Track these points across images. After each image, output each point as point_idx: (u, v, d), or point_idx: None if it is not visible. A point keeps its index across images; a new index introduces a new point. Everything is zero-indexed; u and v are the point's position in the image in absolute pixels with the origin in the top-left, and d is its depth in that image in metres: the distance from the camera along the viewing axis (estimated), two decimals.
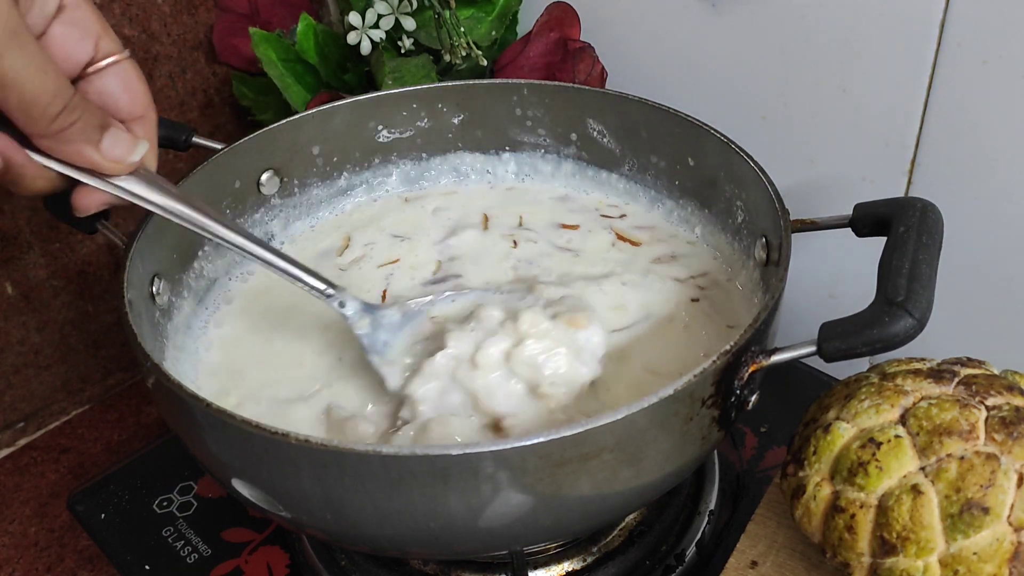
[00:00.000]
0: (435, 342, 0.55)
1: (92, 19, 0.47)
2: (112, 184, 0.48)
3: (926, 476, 0.46)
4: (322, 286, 0.55)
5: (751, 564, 0.55)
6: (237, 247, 0.52)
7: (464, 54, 0.74)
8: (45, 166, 0.46)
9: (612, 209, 0.70)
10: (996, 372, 0.51)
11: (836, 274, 0.73)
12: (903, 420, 0.48)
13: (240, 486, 0.47)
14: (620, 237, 0.67)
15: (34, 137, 0.45)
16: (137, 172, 0.49)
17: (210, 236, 0.52)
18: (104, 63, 0.47)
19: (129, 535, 0.65)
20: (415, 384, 0.53)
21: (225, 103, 0.88)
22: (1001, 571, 0.45)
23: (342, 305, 0.55)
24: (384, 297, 0.63)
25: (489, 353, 0.53)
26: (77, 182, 0.48)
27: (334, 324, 0.58)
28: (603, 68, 0.76)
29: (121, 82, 0.48)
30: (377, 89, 0.71)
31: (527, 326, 0.53)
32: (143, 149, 0.49)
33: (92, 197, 0.49)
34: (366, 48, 0.76)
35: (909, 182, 0.66)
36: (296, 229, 0.70)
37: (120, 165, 0.48)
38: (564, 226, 0.69)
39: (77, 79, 0.47)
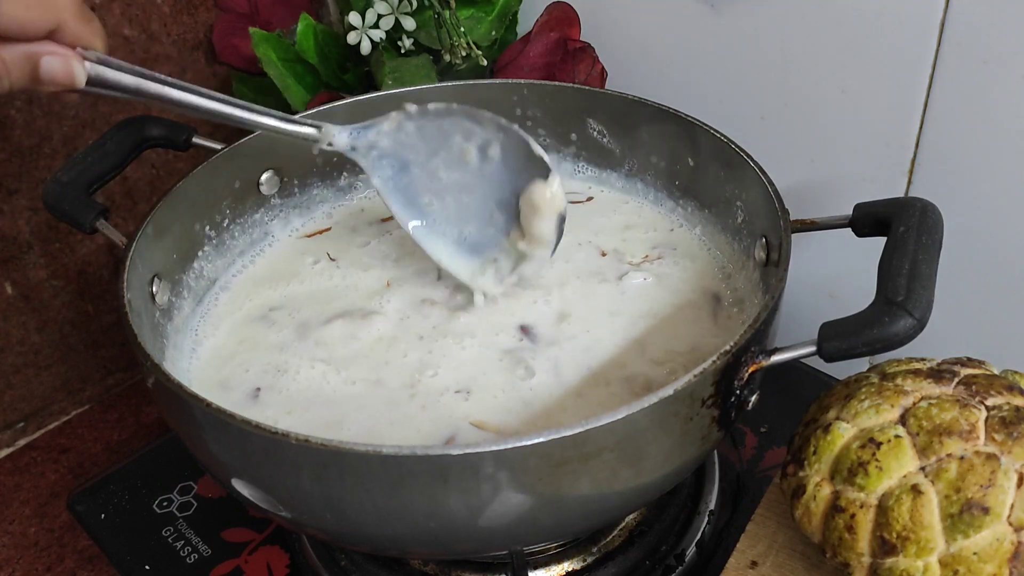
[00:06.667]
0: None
1: None
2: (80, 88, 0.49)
3: (926, 476, 0.46)
4: (307, 131, 0.56)
5: (751, 564, 0.55)
6: (209, 111, 0.53)
7: (464, 54, 0.74)
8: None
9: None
10: (996, 372, 0.51)
11: (836, 274, 0.73)
12: (903, 420, 0.48)
13: (240, 486, 0.47)
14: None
15: None
16: (97, 61, 0.50)
17: (176, 105, 0.52)
18: None
19: (129, 535, 0.65)
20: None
21: None
22: (1001, 571, 0.45)
23: (330, 144, 0.57)
24: (388, 285, 0.64)
25: None
26: None
27: None
28: (603, 68, 0.76)
29: (15, 10, 0.46)
30: (377, 89, 0.71)
31: None
32: (79, 69, 0.49)
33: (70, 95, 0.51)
34: (366, 48, 0.76)
35: (909, 182, 0.66)
36: (296, 227, 0.70)
37: (69, 83, 0.49)
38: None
39: None
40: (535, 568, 0.58)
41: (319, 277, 0.64)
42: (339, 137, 0.57)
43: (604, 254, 0.64)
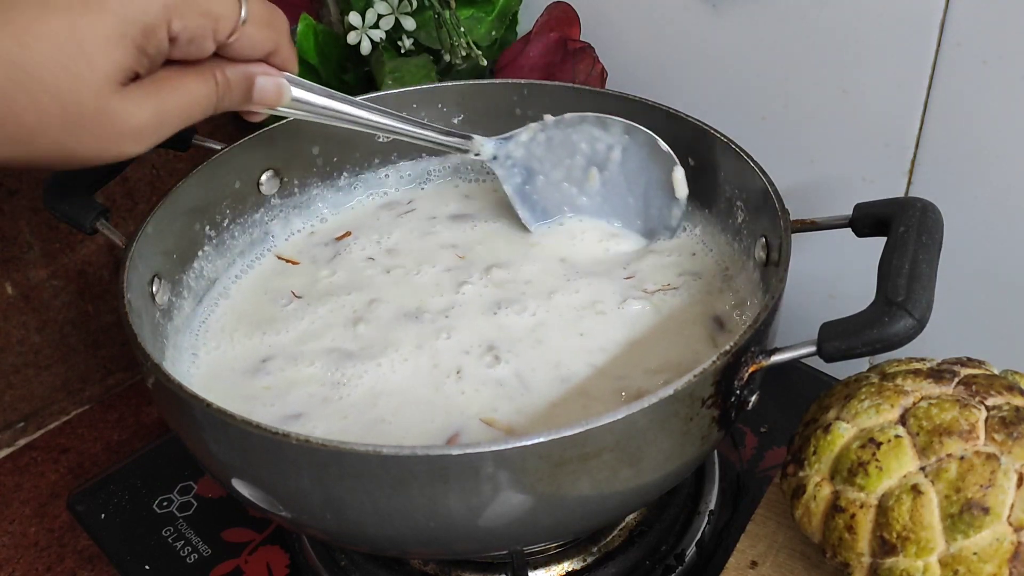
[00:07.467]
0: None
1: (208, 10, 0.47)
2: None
3: (926, 476, 0.46)
4: (457, 142, 0.63)
5: (751, 564, 0.55)
6: (380, 126, 0.59)
7: (464, 54, 0.74)
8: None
9: None
10: (996, 372, 0.51)
11: (836, 274, 0.73)
12: (903, 420, 0.48)
13: (240, 486, 0.47)
14: None
15: None
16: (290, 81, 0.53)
17: (355, 122, 0.58)
18: (231, 39, 0.48)
19: (129, 535, 0.65)
20: None
21: None
22: (1001, 571, 0.45)
23: (477, 154, 0.64)
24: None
25: None
26: None
27: None
28: (603, 68, 0.76)
29: (253, 32, 0.49)
30: (377, 89, 0.72)
31: None
32: (287, 90, 0.53)
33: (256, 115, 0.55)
34: (366, 48, 0.76)
35: (909, 182, 0.66)
36: (295, 228, 0.70)
37: (272, 106, 0.53)
38: None
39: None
40: (535, 568, 0.58)
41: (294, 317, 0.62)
42: (486, 148, 0.64)
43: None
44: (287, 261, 0.67)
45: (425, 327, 0.59)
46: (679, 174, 0.63)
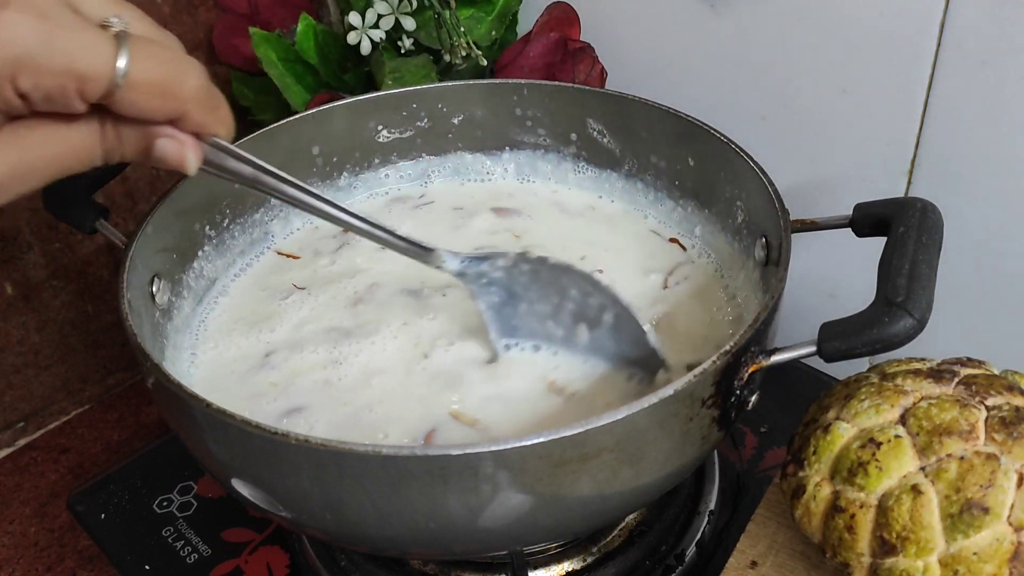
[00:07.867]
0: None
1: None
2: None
3: (926, 476, 0.46)
4: (418, 251, 0.55)
5: (751, 564, 0.55)
6: (322, 213, 0.51)
7: (464, 54, 0.74)
8: None
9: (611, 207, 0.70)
10: (996, 372, 0.51)
11: (836, 274, 0.73)
12: (903, 420, 0.48)
13: (240, 486, 0.47)
14: None
15: None
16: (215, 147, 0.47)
17: (289, 201, 0.50)
18: (108, 101, 0.41)
19: (129, 535, 0.65)
20: None
21: None
22: (1001, 571, 0.45)
23: (439, 267, 0.56)
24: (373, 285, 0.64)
25: None
26: None
27: None
28: (603, 68, 0.76)
29: (138, 99, 0.42)
30: (377, 89, 0.72)
31: None
32: (192, 161, 0.46)
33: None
34: (366, 48, 0.76)
35: (909, 182, 0.66)
36: (295, 227, 0.70)
37: (179, 169, 0.46)
38: None
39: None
40: (535, 568, 0.58)
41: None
42: (449, 263, 0.57)
43: None
44: (288, 256, 0.67)
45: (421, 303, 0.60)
46: (661, 379, 0.55)
